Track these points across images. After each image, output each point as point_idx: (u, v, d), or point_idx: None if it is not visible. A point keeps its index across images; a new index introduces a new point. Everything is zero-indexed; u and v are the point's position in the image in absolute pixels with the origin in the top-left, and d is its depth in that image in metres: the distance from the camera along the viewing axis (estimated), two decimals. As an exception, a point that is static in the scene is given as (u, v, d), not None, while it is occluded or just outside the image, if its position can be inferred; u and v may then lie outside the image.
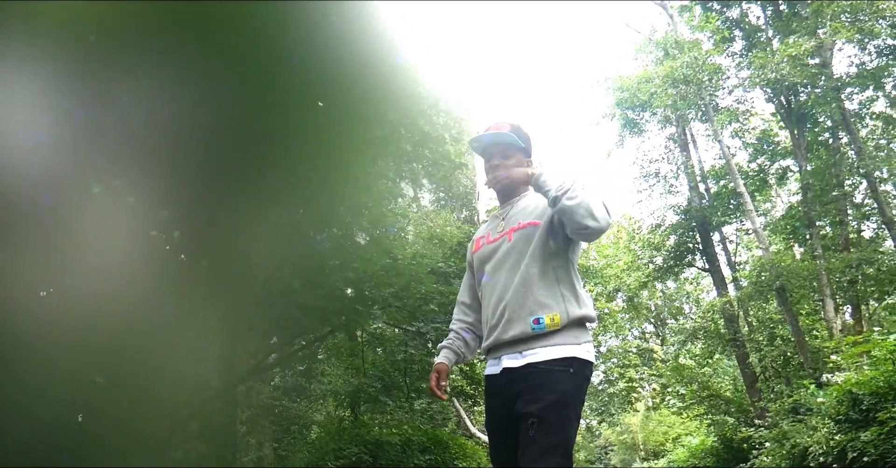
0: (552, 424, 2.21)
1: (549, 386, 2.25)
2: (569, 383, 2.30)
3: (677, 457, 24.50)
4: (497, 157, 2.68)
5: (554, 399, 2.23)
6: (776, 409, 13.79)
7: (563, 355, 2.33)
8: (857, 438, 8.36)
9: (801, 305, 18.06)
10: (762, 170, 19.49)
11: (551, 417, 2.22)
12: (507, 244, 2.54)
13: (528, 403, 2.26)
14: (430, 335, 11.48)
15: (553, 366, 2.30)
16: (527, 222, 2.52)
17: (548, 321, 2.35)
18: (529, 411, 2.23)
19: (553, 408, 2.23)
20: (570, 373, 2.30)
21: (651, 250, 21.83)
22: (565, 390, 2.27)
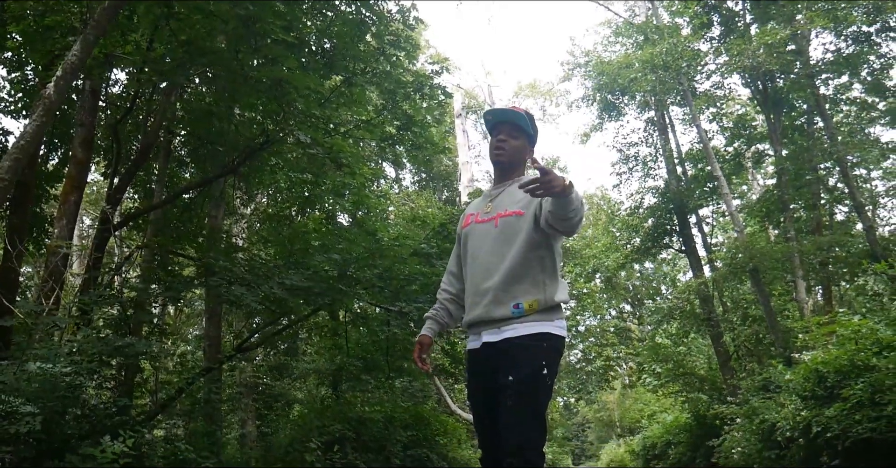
0: (527, 394, 2.49)
1: (525, 359, 2.52)
2: (542, 356, 2.56)
3: (652, 433, 25.05)
4: (505, 134, 2.85)
5: (528, 371, 2.50)
6: (747, 387, 14.22)
7: (537, 331, 2.58)
8: (822, 414, 8.73)
9: (773, 286, 18.50)
10: (738, 153, 19.80)
11: (526, 387, 2.49)
12: (495, 229, 2.73)
13: (506, 375, 2.53)
14: (413, 315, 11.64)
15: (528, 341, 2.56)
16: (512, 211, 2.72)
17: (526, 306, 2.60)
18: (507, 383, 2.51)
19: (528, 380, 2.50)
20: (544, 346, 2.58)
21: (629, 232, 22.18)
22: (539, 363, 2.54)
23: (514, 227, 2.69)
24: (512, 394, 2.50)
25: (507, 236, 2.69)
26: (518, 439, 2.44)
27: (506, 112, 2.89)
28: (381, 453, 12.57)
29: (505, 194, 2.83)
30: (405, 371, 16.89)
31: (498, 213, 2.76)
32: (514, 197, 2.76)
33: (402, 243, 12.49)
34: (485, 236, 2.76)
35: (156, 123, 10.01)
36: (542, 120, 32.77)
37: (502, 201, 2.79)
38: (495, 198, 2.85)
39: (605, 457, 46.89)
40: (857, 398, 7.95)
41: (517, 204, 2.73)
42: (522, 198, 2.70)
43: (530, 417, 2.47)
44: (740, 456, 12.54)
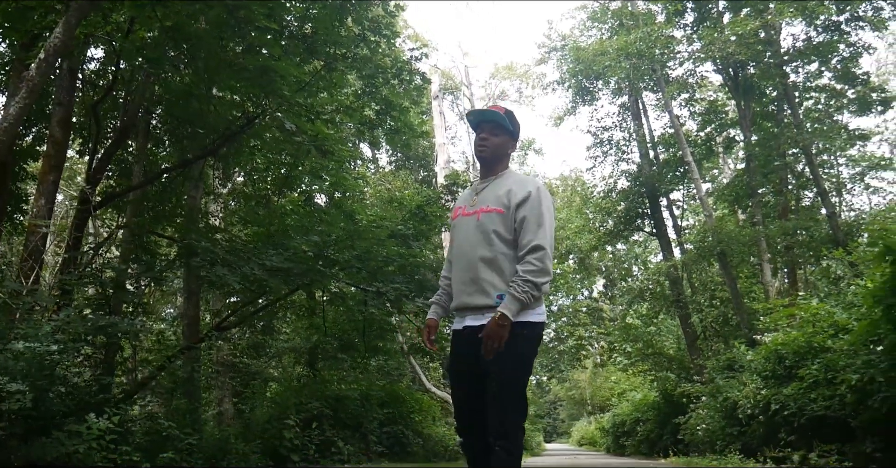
0: (510, 380, 2.77)
1: (507, 346, 2.74)
2: (523, 344, 2.79)
3: (622, 411, 25.69)
4: (486, 132, 3.05)
5: (511, 359, 2.75)
6: (712, 366, 14.70)
7: (518, 319, 2.77)
8: (780, 393, 9.16)
9: (740, 269, 19.00)
10: (710, 139, 20.16)
11: (509, 375, 2.77)
12: (476, 222, 2.92)
13: (490, 362, 2.76)
14: (390, 295, 11.82)
15: (513, 330, 2.76)
16: (493, 208, 2.90)
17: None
18: (492, 369, 2.77)
19: (510, 368, 2.76)
20: (525, 333, 2.80)
21: (602, 214, 22.54)
22: (520, 350, 2.78)
23: (494, 223, 2.88)
24: (496, 381, 2.75)
25: (487, 231, 2.88)
26: (502, 420, 2.72)
27: (486, 112, 3.09)
28: (358, 430, 12.84)
29: (489, 190, 3.01)
30: (381, 350, 17.17)
31: (481, 207, 2.95)
32: (496, 193, 2.96)
33: (380, 225, 12.67)
34: (468, 228, 2.95)
35: (135, 103, 10.03)
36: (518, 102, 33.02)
37: (486, 197, 2.98)
38: (480, 192, 3.04)
39: (577, 435, 47.94)
40: (813, 378, 8.37)
41: (498, 200, 2.92)
42: (504, 194, 2.93)
43: (514, 400, 2.76)
44: (705, 432, 13.03)
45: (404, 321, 17.34)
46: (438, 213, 14.49)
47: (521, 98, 32.69)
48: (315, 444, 11.45)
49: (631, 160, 21.55)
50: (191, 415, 9.67)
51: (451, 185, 14.55)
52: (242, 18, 6.49)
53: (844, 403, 7.38)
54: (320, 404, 12.19)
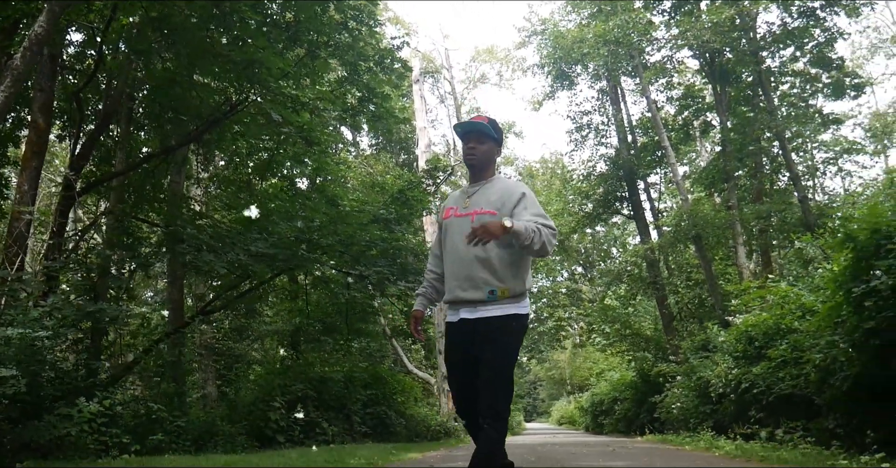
0: (500, 367, 3.07)
1: (498, 338, 3.06)
2: (512, 335, 3.12)
3: (600, 390, 26.15)
4: (473, 141, 3.31)
5: (501, 348, 3.07)
6: (687, 347, 15.09)
7: (507, 313, 3.09)
8: (750, 372, 9.51)
9: (716, 251, 19.41)
10: (687, 123, 20.44)
11: (499, 362, 3.07)
12: (471, 224, 3.11)
13: (483, 350, 3.07)
14: (372, 278, 12.00)
15: (500, 322, 3.09)
16: (487, 210, 3.16)
17: (499, 293, 3.10)
18: (484, 357, 3.07)
19: (500, 356, 3.07)
20: (513, 325, 3.12)
21: (582, 198, 22.82)
22: (509, 340, 3.11)
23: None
24: (488, 368, 3.05)
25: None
26: (491, 403, 3.03)
27: (472, 123, 3.36)
28: (342, 411, 13.05)
29: (480, 193, 3.26)
30: (364, 332, 17.40)
31: (475, 210, 3.19)
32: (488, 198, 3.22)
33: (362, 209, 12.82)
34: (462, 229, 3.15)
35: (118, 89, 10.07)
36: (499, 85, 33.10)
37: (478, 200, 3.23)
38: (472, 195, 3.28)
39: (556, 414, 48.71)
40: (781, 357, 8.70)
41: (491, 204, 3.17)
42: (496, 199, 3.19)
43: (503, 385, 3.07)
44: (679, 411, 13.41)
45: (386, 304, 17.58)
46: (420, 197, 14.65)
47: (501, 81, 32.82)
48: (300, 425, 11.67)
49: (609, 144, 21.82)
50: (178, 398, 9.84)
51: (433, 170, 14.71)
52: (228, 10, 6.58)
53: (809, 382, 7.71)
54: (304, 386, 12.36)
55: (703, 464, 6.55)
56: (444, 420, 17.83)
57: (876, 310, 5.70)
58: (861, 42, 30.49)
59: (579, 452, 9.12)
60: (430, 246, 19.68)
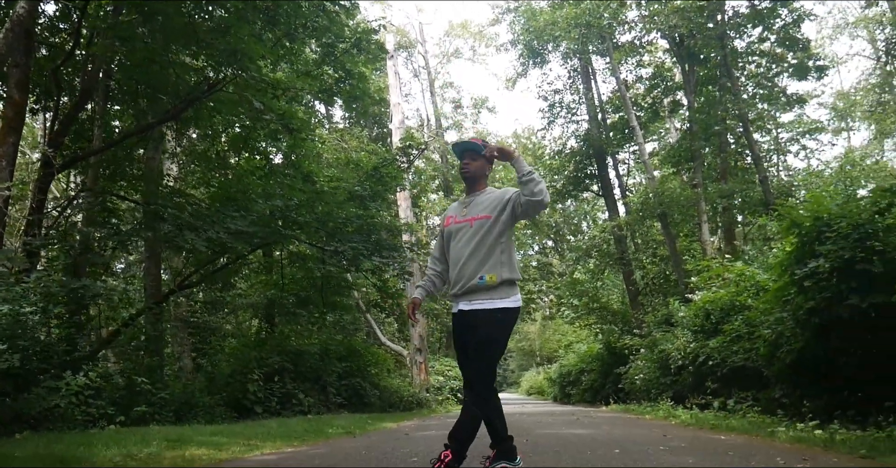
0: (484, 351, 3.57)
1: (484, 327, 3.56)
2: (497, 326, 3.60)
3: (568, 361, 26.84)
4: (467, 158, 3.89)
5: (485, 336, 3.55)
6: (651, 321, 15.67)
7: (496, 306, 3.59)
8: (706, 346, 10.07)
9: (681, 227, 20.00)
10: (656, 102, 20.85)
11: (484, 346, 3.56)
12: (470, 228, 3.74)
13: (472, 337, 3.59)
14: (347, 254, 12.27)
15: (486, 314, 3.58)
16: (482, 215, 3.72)
17: (488, 279, 3.61)
18: (470, 343, 3.60)
19: (484, 341, 3.56)
20: (499, 317, 3.60)
21: (552, 174, 23.22)
22: (493, 330, 3.58)
23: (484, 227, 3.69)
24: (474, 350, 3.58)
25: (479, 233, 3.69)
26: (472, 378, 3.58)
27: (467, 143, 3.96)
28: (318, 383, 13.41)
29: (475, 203, 3.82)
30: (338, 305, 17.71)
31: (472, 216, 3.76)
32: (482, 205, 3.78)
33: (338, 186, 13.05)
34: (463, 233, 3.75)
35: (95, 67, 10.13)
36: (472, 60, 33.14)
37: (474, 209, 3.80)
38: (468, 205, 3.85)
39: (526, 384, 49.69)
40: (735, 332, 9.26)
41: (485, 210, 3.74)
42: (488, 205, 3.76)
43: (485, 366, 3.57)
44: (642, 382, 14.01)
45: (360, 278, 17.88)
46: (394, 173, 14.91)
47: (474, 56, 32.88)
48: (277, 397, 12.01)
49: (580, 122, 22.18)
50: (158, 371, 10.10)
51: (407, 148, 14.95)
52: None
53: (759, 356, 8.24)
54: (281, 359, 12.67)
55: (660, 432, 7.05)
56: (416, 391, 18.31)
57: (816, 291, 6.19)
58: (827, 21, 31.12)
59: (545, 421, 9.61)
60: (403, 220, 20.07)
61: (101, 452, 4.51)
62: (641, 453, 4.73)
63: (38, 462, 3.99)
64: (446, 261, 3.92)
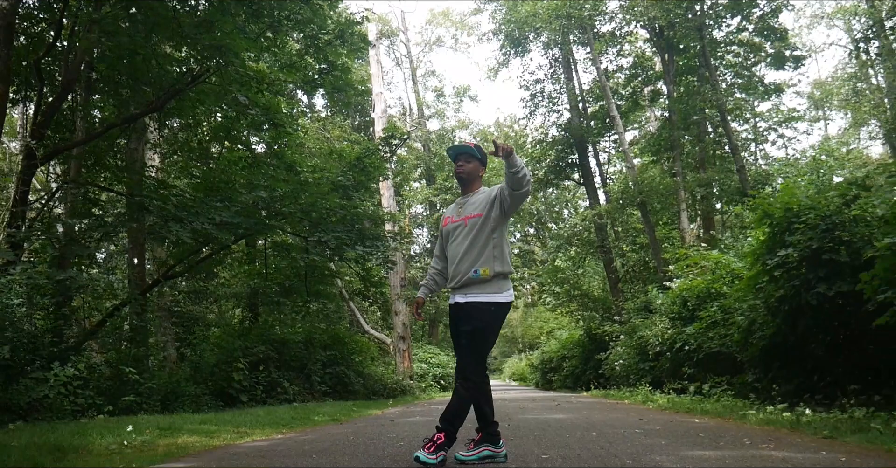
0: (475, 339, 3.78)
1: (476, 318, 3.78)
2: (489, 317, 3.80)
3: (549, 348, 27.17)
4: (462, 160, 4.14)
5: (475, 326, 3.77)
6: (630, 307, 15.95)
7: (488, 300, 3.81)
8: (683, 332, 10.34)
9: (660, 216, 20.30)
10: (636, 92, 21.07)
11: (473, 335, 3.77)
12: (465, 227, 3.99)
13: (464, 326, 3.82)
14: (331, 243, 12.39)
15: (477, 305, 3.81)
16: (475, 214, 3.97)
17: (482, 272, 3.84)
18: (463, 331, 3.81)
19: (476, 331, 3.78)
20: (491, 310, 3.82)
21: (534, 163, 23.42)
22: (485, 321, 3.79)
23: (477, 224, 3.94)
24: (464, 338, 3.80)
25: (472, 231, 3.94)
26: (463, 365, 3.80)
27: (461, 146, 4.19)
28: (302, 371, 13.55)
29: (469, 203, 4.07)
30: (322, 294, 17.83)
31: (466, 215, 4.02)
32: (474, 205, 4.04)
33: (322, 176, 13.12)
34: (459, 232, 4.02)
35: (77, 58, 10.12)
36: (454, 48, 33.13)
37: (468, 208, 4.05)
38: (463, 205, 4.11)
39: (508, 371, 50.22)
40: (711, 319, 9.52)
41: (477, 209, 3.99)
42: (479, 204, 4.00)
43: (473, 353, 3.78)
44: (621, 368, 14.31)
45: (343, 267, 18.01)
46: (377, 163, 15.00)
47: (456, 45, 32.93)
48: (262, 385, 12.14)
49: (562, 110, 22.36)
50: (144, 360, 10.19)
51: (389, 138, 15.04)
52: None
53: (734, 341, 8.51)
54: (266, 348, 12.78)
55: (636, 416, 7.28)
56: (399, 378, 18.51)
57: (786, 280, 6.43)
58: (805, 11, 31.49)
59: (527, 407, 9.83)
60: (386, 209, 20.20)
61: (96, 441, 4.64)
62: (617, 436, 4.94)
63: (35, 450, 4.10)
64: (447, 259, 4.14)
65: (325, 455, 4.23)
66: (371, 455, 4.17)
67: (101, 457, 4.12)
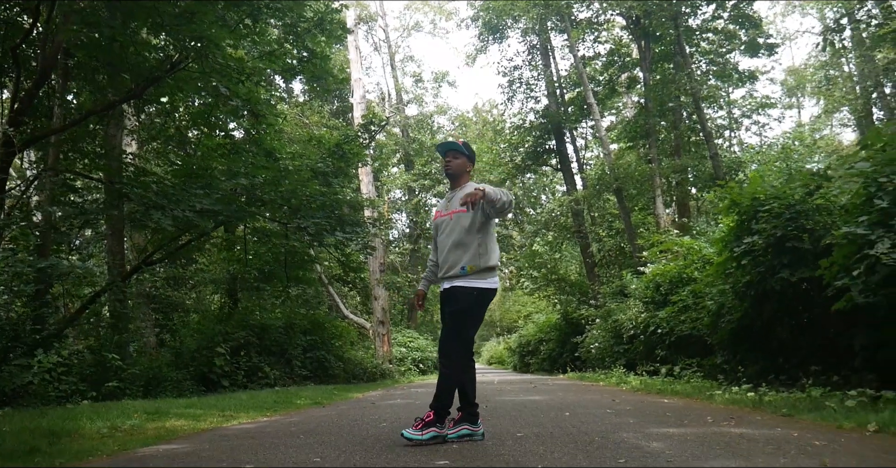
0: (457, 320, 4.01)
1: (463, 300, 4.02)
2: (472, 300, 4.03)
3: (527, 331, 27.55)
4: (450, 156, 4.36)
5: (459, 307, 3.99)
6: (605, 292, 16.27)
7: (472, 285, 4.06)
8: (656, 316, 10.63)
9: (636, 201, 20.61)
10: (612, 79, 21.28)
11: (456, 317, 4.01)
12: (451, 221, 4.22)
13: (449, 308, 4.05)
14: (311, 229, 12.49)
15: (463, 290, 4.05)
16: (460, 209, 4.13)
17: (468, 269, 4.07)
18: (447, 312, 4.06)
19: (457, 312, 4.01)
20: (474, 295, 4.06)
21: (512, 149, 23.60)
22: (468, 304, 4.02)
23: (462, 219, 4.16)
24: (448, 320, 4.08)
25: (458, 225, 4.17)
26: (445, 345, 4.03)
27: (449, 143, 4.42)
28: (283, 356, 13.70)
29: (456, 198, 4.26)
30: (301, 279, 17.93)
31: (453, 210, 4.23)
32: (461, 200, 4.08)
33: (302, 164, 13.19)
34: (446, 225, 4.26)
35: (55, 45, 10.08)
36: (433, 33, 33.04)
37: (454, 203, 4.25)
38: (451, 200, 4.33)
39: (486, 354, 50.70)
40: (683, 303, 9.81)
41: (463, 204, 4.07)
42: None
43: (455, 334, 4.02)
44: (597, 350, 14.64)
45: (322, 252, 18.10)
46: (356, 150, 15.08)
47: (435, 30, 32.88)
48: (243, 370, 12.27)
49: (540, 96, 22.52)
50: (125, 347, 10.27)
51: (368, 125, 15.12)
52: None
53: (704, 325, 8.81)
54: (246, 333, 12.89)
55: (609, 397, 7.55)
56: (379, 363, 18.73)
57: (752, 266, 6.69)
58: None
59: (504, 389, 10.09)
60: (365, 195, 20.29)
61: (86, 425, 4.78)
62: (589, 416, 5.18)
63: (28, 435, 4.23)
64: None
65: (312, 435, 4.42)
66: (356, 435, 4.37)
67: (94, 441, 4.27)
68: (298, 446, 3.84)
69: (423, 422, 3.83)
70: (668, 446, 3.38)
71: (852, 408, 4.54)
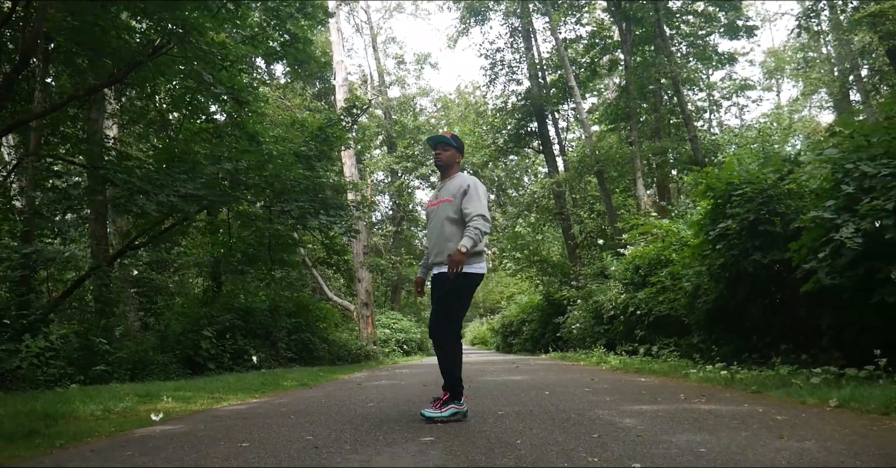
0: (441, 304, 4.21)
1: (447, 285, 4.18)
2: (461, 284, 4.20)
3: (510, 312, 27.85)
4: (439, 148, 4.57)
5: (445, 292, 4.18)
6: (586, 273, 16.51)
7: (462, 270, 4.16)
8: (636, 297, 10.87)
9: (617, 184, 20.84)
10: (594, 62, 21.39)
11: (442, 299, 4.20)
12: (438, 210, 4.43)
13: (437, 292, 4.24)
14: (294, 212, 12.57)
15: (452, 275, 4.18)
16: (446, 198, 4.40)
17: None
18: (436, 297, 4.24)
19: (443, 296, 4.20)
20: (462, 279, 4.20)
21: (494, 132, 23.70)
22: (454, 287, 4.18)
23: (448, 209, 4.37)
24: (436, 302, 4.27)
25: (444, 214, 4.38)
26: (434, 325, 4.26)
27: (439, 136, 4.63)
28: (268, 338, 13.82)
29: (445, 188, 4.48)
30: (285, 262, 18.01)
31: (441, 199, 4.44)
32: (449, 190, 4.46)
33: (285, 147, 13.23)
34: (435, 214, 4.46)
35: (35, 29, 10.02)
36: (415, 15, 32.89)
37: (443, 192, 4.48)
38: (440, 189, 4.54)
39: (469, 335, 51.16)
40: (661, 284, 10.05)
41: (450, 194, 4.42)
42: (454, 190, 4.40)
43: (442, 315, 4.23)
44: (578, 331, 14.90)
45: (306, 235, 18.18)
46: (339, 133, 15.11)
47: (417, 11, 32.70)
48: (229, 353, 12.39)
49: (522, 78, 22.59)
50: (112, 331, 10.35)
51: (351, 108, 15.15)
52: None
53: (681, 305, 9.05)
54: (231, 316, 12.99)
55: (589, 376, 7.77)
56: (363, 344, 18.92)
57: (727, 248, 6.91)
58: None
59: (487, 369, 10.31)
60: (348, 178, 20.34)
61: (79, 408, 4.90)
62: (568, 394, 5.39)
63: (23, 418, 4.35)
64: None
65: (303, 415, 4.58)
66: (344, 414, 4.54)
67: (90, 423, 4.40)
68: (290, 425, 4.00)
69: (441, 401, 4.09)
70: (640, 422, 3.58)
71: (817, 384, 4.77)
